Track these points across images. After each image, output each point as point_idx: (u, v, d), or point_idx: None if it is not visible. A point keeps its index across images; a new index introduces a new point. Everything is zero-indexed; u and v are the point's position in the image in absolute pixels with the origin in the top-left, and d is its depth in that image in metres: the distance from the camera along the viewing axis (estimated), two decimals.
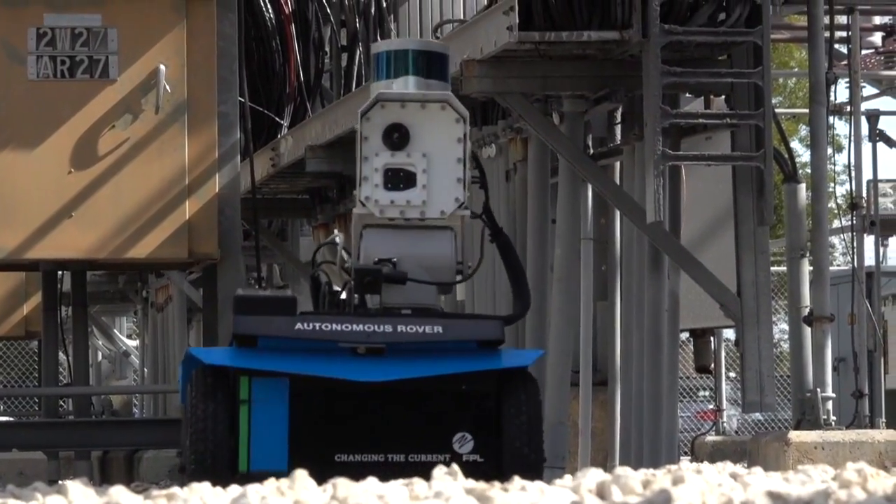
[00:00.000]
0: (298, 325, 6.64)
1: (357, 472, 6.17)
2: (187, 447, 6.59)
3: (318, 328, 6.68)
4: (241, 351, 6.74)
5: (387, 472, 6.12)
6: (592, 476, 5.02)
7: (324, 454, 6.55)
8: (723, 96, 10.85)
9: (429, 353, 6.77)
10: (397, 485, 4.94)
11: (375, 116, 7.42)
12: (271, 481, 4.83)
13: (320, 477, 8.14)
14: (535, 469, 6.47)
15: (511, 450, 6.62)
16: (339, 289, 7.61)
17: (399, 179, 7.41)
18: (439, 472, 5.09)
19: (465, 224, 7.62)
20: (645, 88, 10.32)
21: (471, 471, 6.08)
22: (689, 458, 10.99)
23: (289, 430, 6.57)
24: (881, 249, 19.43)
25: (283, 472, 6.12)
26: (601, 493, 4.33)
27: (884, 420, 17.42)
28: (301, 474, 4.80)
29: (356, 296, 7.26)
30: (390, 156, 7.41)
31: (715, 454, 11.41)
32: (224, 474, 6.28)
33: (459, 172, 7.49)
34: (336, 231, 8.60)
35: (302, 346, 6.69)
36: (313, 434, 6.62)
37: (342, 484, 4.93)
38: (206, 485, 4.67)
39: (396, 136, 7.40)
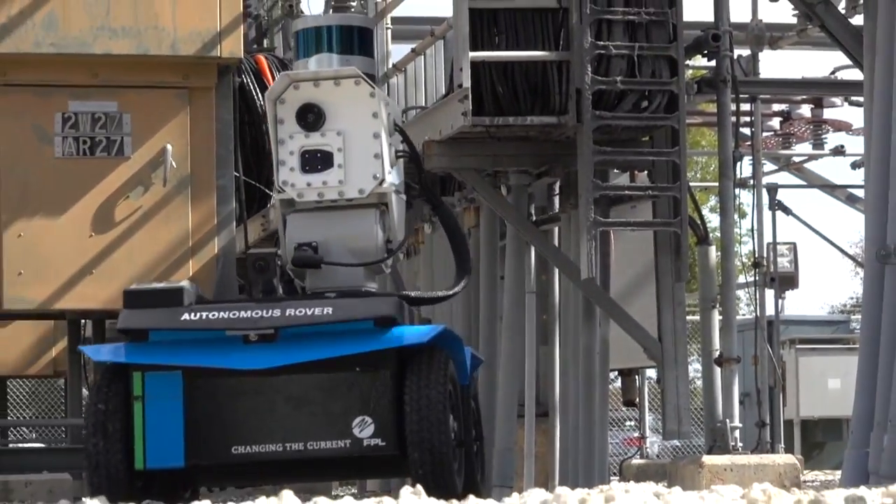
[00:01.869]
0: (185, 316, 6.01)
1: (255, 465, 5.95)
2: (87, 446, 5.96)
3: (204, 317, 6.02)
4: (132, 346, 6.03)
5: (285, 464, 5.98)
6: (536, 495, 5.00)
7: (221, 448, 5.90)
8: (645, 171, 10.84)
9: (322, 337, 6.03)
10: (370, 501, 4.95)
11: (289, 98, 6.77)
12: (262, 499, 4.78)
13: (219, 471, 7.77)
14: (438, 452, 5.87)
15: (413, 432, 5.90)
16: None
17: (316, 161, 6.74)
18: (405, 491, 5.10)
19: (395, 200, 7.03)
20: (580, 165, 10.30)
21: (374, 456, 5.96)
22: (618, 478, 10.94)
23: (184, 425, 5.86)
24: (780, 301, 19.56)
25: (180, 469, 5.83)
26: None
27: (782, 446, 17.54)
28: (288, 494, 4.72)
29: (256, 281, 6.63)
30: (305, 137, 6.75)
31: (639, 475, 11.36)
32: (120, 473, 5.83)
33: (377, 148, 6.79)
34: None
35: (194, 338, 6.00)
36: (209, 428, 5.89)
37: (322, 502, 4.92)
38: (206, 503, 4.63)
39: (311, 117, 6.73)
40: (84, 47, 9.42)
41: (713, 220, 14.75)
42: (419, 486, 5.47)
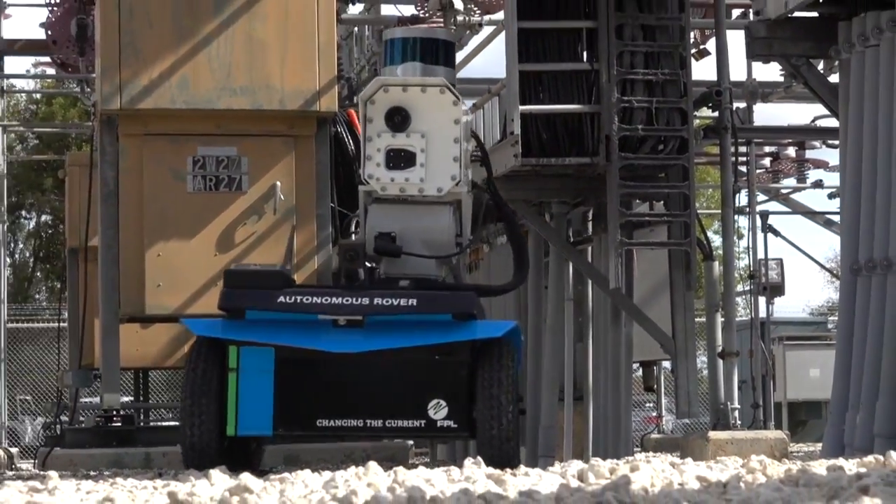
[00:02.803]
0: (280, 298, 5.58)
1: (338, 436, 5.65)
2: (183, 413, 5.55)
3: (298, 301, 5.62)
4: (230, 322, 5.66)
5: (365, 436, 5.65)
6: (574, 465, 4.94)
7: (306, 420, 5.49)
8: (661, 201, 10.75)
9: (405, 325, 5.59)
10: (439, 471, 4.87)
11: (379, 100, 6.28)
12: (352, 469, 4.71)
13: (303, 441, 7.77)
14: (504, 437, 5.50)
15: (483, 417, 5.48)
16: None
17: (400, 159, 6.26)
18: (468, 461, 5.00)
19: (466, 200, 6.57)
20: (608, 197, 10.23)
21: (445, 434, 5.66)
22: (640, 450, 10.88)
23: (274, 397, 5.44)
24: (770, 306, 19.47)
25: (268, 437, 5.54)
26: (581, 477, 4.25)
27: (773, 423, 17.46)
28: (373, 465, 4.58)
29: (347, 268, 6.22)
30: (392, 137, 6.27)
31: (657, 447, 11.32)
32: (212, 438, 5.41)
33: (456, 151, 6.32)
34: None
35: (287, 319, 5.59)
36: (297, 401, 5.48)
37: (401, 470, 4.84)
38: (307, 472, 4.56)
39: (398, 118, 6.26)
40: (210, 104, 9.41)
41: (716, 241, 14.60)
42: (479, 458, 5.30)
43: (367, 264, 6.42)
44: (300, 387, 5.46)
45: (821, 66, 8.19)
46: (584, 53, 10.48)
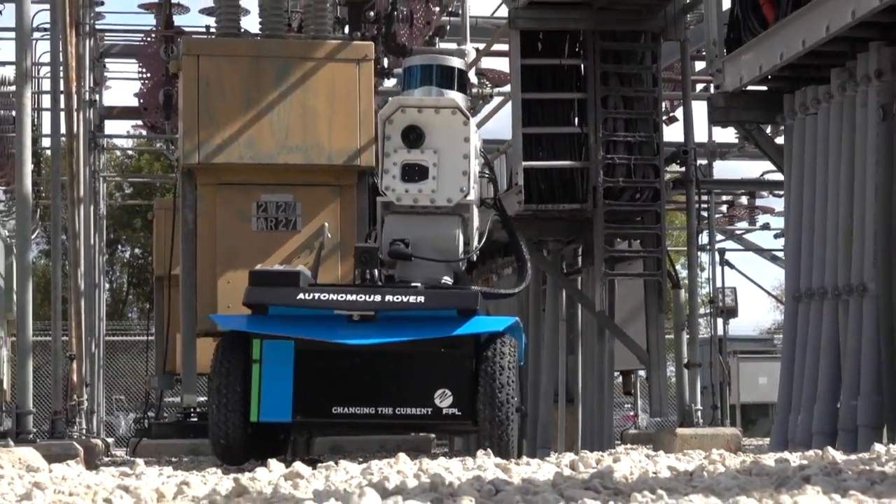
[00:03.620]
0: (301, 296, 5.17)
1: (352, 424, 5.11)
2: (210, 401, 5.09)
3: (316, 298, 5.18)
4: (254, 318, 5.19)
5: (377, 424, 5.15)
6: (567, 457, 4.91)
7: (323, 407, 5.01)
8: (638, 240, 10.73)
9: (414, 321, 5.13)
10: (456, 461, 4.84)
11: (396, 119, 5.75)
12: (384, 461, 4.66)
13: (320, 428, 7.08)
14: (505, 424, 5.05)
15: (486, 407, 4.99)
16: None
17: (414, 173, 5.76)
18: (480, 453, 4.95)
19: (474, 212, 6.01)
20: (595, 236, 10.22)
21: (449, 423, 5.13)
22: (620, 444, 10.83)
23: (293, 386, 4.99)
24: (726, 326, 19.48)
25: (288, 423, 5.07)
26: (573, 466, 4.22)
27: (729, 421, 17.41)
28: (402, 456, 4.49)
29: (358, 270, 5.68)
30: (407, 152, 5.77)
31: (634, 441, 11.24)
32: (237, 424, 4.93)
33: (465, 167, 5.81)
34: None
35: (306, 314, 5.14)
36: (314, 390, 5.02)
37: (425, 460, 4.82)
38: (347, 462, 4.51)
39: (413, 136, 5.76)
40: (271, 159, 9.44)
41: (683, 272, 14.56)
42: (489, 449, 5.18)
43: (380, 267, 5.98)
44: (317, 377, 5.06)
45: (769, 130, 8.18)
46: (576, 119, 10.51)
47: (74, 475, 4.33)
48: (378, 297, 5.13)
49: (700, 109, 11.55)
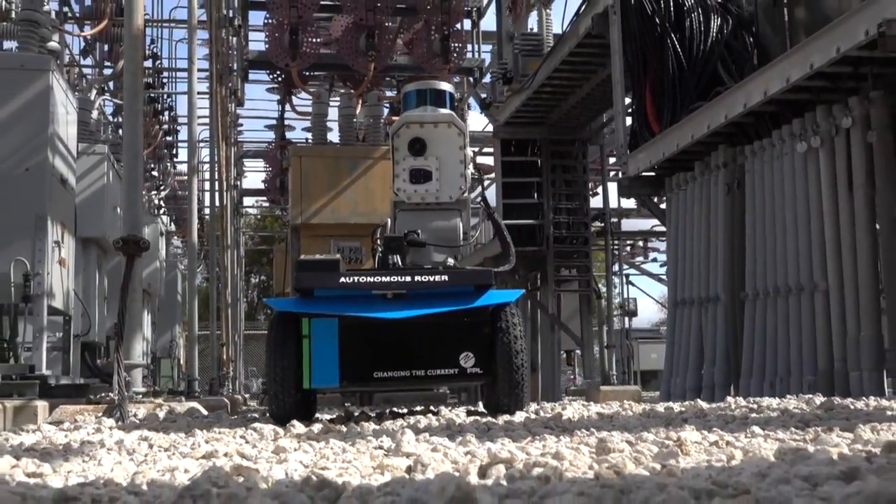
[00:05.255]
0: (343, 279, 4.13)
1: (390, 384, 4.10)
2: (269, 371, 4.10)
3: (356, 280, 4.13)
4: (302, 300, 4.18)
5: (412, 383, 4.14)
6: (533, 406, 4.85)
7: (365, 373, 4.05)
8: (575, 269, 10.69)
9: (439, 296, 4.17)
10: (461, 409, 4.76)
11: (403, 133, 4.71)
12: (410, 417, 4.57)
13: (364, 388, 6.21)
14: (519, 379, 4.11)
15: (502, 364, 4.07)
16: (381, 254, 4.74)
17: (420, 176, 4.74)
18: (480, 405, 4.86)
19: (468, 205, 4.92)
20: (548, 267, 10.19)
21: (473, 379, 4.15)
22: (566, 397, 10.79)
23: (339, 357, 4.04)
24: (630, 322, 19.44)
25: (336, 388, 4.14)
26: (537, 413, 4.16)
27: (632, 382, 17.25)
28: (428, 408, 4.31)
29: (389, 256, 4.59)
30: (413, 159, 4.74)
31: (574, 394, 11.20)
32: (291, 391, 3.97)
33: (461, 170, 4.76)
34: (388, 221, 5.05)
35: (347, 295, 4.12)
36: (357, 358, 4.05)
37: (442, 409, 4.76)
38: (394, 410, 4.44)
39: (417, 146, 4.75)
40: (346, 220, 9.45)
41: (604, 289, 14.61)
42: (480, 404, 4.84)
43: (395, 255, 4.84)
44: (359, 347, 4.06)
45: (656, 200, 8.16)
46: (535, 194, 10.50)
47: (218, 421, 4.30)
48: (408, 278, 4.14)
49: (613, 187, 11.55)
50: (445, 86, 4.97)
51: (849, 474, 1.40)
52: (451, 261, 4.74)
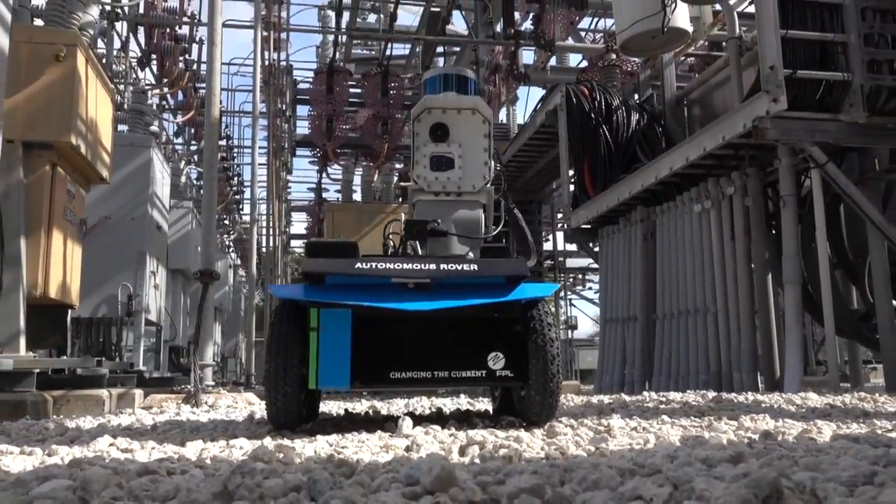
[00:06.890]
0: (358, 265, 2.61)
1: (408, 386, 2.58)
2: (268, 369, 2.62)
3: (374, 267, 2.61)
4: (311, 287, 2.65)
5: (434, 385, 2.64)
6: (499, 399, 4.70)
7: (380, 372, 2.56)
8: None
9: (466, 288, 2.67)
10: (449, 398, 4.64)
11: (424, 119, 3.21)
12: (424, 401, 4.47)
13: (377, 389, 4.54)
14: (552, 383, 2.60)
15: (536, 369, 2.58)
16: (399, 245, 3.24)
17: (441, 163, 3.18)
18: (462, 398, 4.72)
19: (490, 198, 3.37)
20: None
21: (502, 382, 2.60)
22: None
23: (351, 353, 2.55)
24: (573, 333, 19.28)
25: (347, 390, 2.83)
26: None
27: (574, 378, 17.08)
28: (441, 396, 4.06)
29: (409, 243, 3.13)
30: (434, 146, 3.18)
31: None
32: (294, 391, 2.53)
33: (485, 158, 3.24)
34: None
35: (362, 283, 2.63)
36: (372, 356, 2.58)
37: (434, 399, 4.61)
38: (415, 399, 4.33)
39: (440, 132, 3.20)
40: None
41: (554, 310, 14.60)
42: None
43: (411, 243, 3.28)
44: (375, 343, 2.59)
45: (592, 245, 8.15)
46: (504, 240, 10.41)
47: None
48: (433, 266, 2.65)
49: (560, 236, 11.55)
50: (469, 73, 3.59)
51: (735, 457, 1.36)
52: (471, 255, 3.29)
